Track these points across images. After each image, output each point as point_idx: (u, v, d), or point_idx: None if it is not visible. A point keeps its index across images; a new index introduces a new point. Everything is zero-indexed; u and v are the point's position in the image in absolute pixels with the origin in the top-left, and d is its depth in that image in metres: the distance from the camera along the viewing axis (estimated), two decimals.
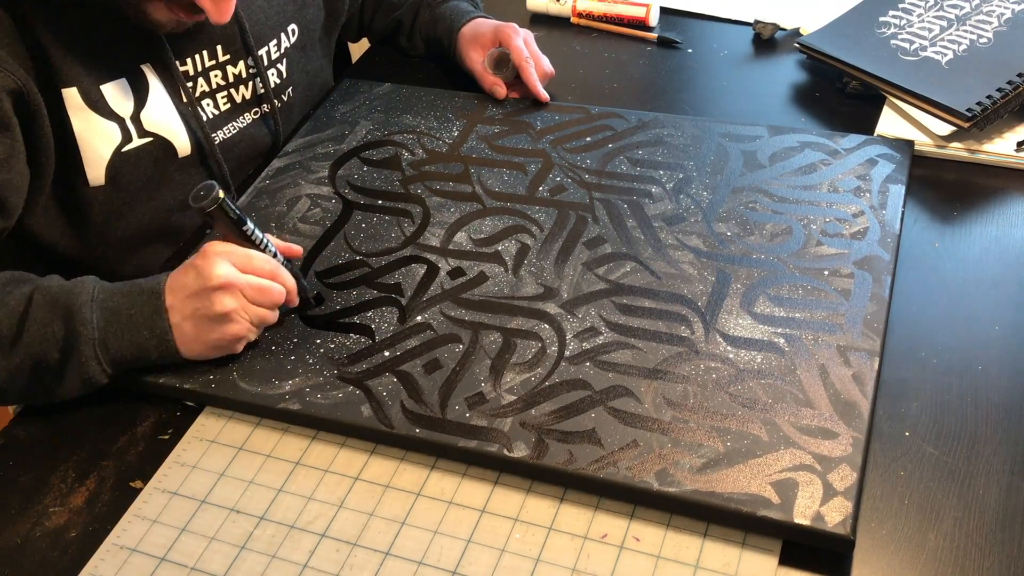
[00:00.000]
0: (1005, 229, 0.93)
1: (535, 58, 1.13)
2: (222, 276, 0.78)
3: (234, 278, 0.79)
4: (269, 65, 1.08)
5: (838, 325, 0.80)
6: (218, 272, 0.78)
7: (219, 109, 1.04)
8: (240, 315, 0.80)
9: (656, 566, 0.68)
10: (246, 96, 1.06)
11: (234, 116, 1.06)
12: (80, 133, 0.93)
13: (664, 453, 0.71)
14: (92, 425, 0.84)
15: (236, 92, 1.05)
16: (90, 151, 0.94)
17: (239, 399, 0.81)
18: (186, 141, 1.00)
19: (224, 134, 1.05)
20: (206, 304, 0.79)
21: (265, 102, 1.08)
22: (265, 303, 0.81)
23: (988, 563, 0.66)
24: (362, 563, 0.71)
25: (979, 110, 0.98)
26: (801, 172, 0.97)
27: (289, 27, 1.10)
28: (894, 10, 1.17)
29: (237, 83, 1.05)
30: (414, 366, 0.81)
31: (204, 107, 1.02)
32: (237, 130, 1.06)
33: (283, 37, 1.09)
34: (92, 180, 0.96)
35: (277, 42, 1.08)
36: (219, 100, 1.04)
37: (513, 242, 0.93)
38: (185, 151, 1.00)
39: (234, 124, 1.06)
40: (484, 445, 0.74)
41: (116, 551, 0.74)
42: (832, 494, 0.67)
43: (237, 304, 0.79)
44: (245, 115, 1.07)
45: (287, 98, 1.12)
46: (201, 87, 1.01)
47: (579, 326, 0.83)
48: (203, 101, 1.02)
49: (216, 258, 0.79)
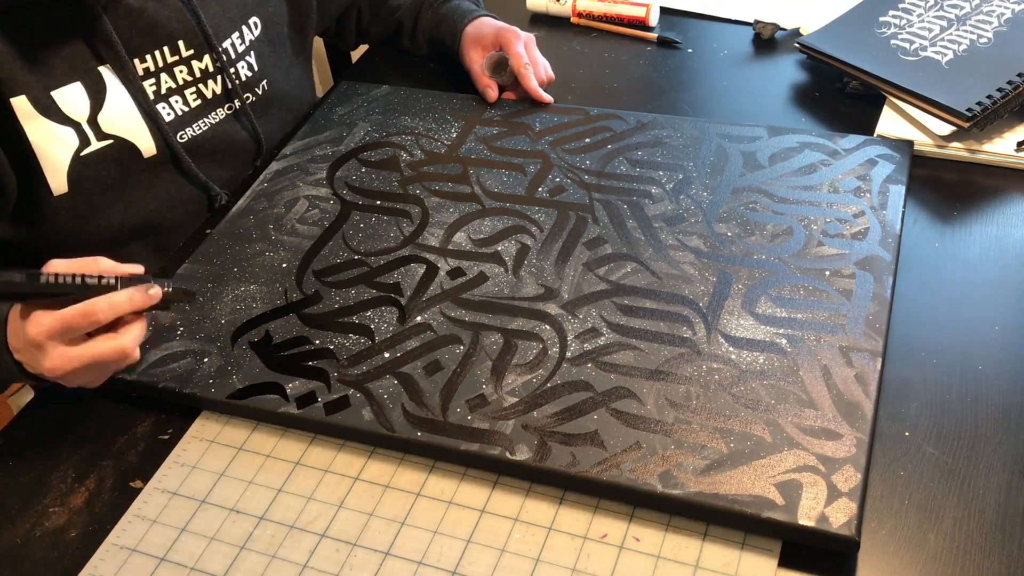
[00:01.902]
0: (1005, 229, 0.93)
1: (534, 64, 1.13)
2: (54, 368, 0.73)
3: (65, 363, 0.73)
4: (237, 58, 1.07)
5: (840, 326, 0.80)
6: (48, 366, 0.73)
7: (189, 105, 1.03)
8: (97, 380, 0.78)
9: (656, 566, 0.68)
10: (216, 91, 1.05)
11: (206, 112, 1.05)
12: (36, 142, 0.92)
13: (667, 455, 0.71)
14: (92, 425, 0.84)
15: (205, 87, 1.04)
16: (48, 159, 0.94)
17: (239, 404, 0.81)
18: (150, 141, 0.99)
19: (195, 131, 1.04)
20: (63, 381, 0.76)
21: (236, 96, 1.07)
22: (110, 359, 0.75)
23: (988, 563, 0.66)
24: (362, 563, 0.71)
25: (979, 110, 0.98)
26: (801, 172, 0.97)
27: (251, 20, 1.08)
28: (894, 10, 1.17)
29: (205, 78, 1.04)
30: (415, 368, 0.81)
31: (172, 104, 1.01)
32: (209, 126, 1.05)
33: (245, 30, 1.08)
34: (55, 189, 0.95)
35: (240, 35, 1.07)
36: (188, 96, 1.03)
37: (513, 242, 0.93)
38: (150, 151, 1.00)
39: (205, 120, 1.05)
40: (486, 448, 0.74)
41: (116, 551, 0.74)
42: (836, 495, 0.67)
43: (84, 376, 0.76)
44: (218, 111, 1.06)
45: (262, 92, 1.11)
46: (166, 83, 1.00)
47: (580, 327, 0.83)
48: (170, 98, 1.01)
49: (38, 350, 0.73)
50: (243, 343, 0.85)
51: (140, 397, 0.85)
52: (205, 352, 0.85)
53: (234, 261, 0.95)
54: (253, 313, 0.88)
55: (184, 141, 1.03)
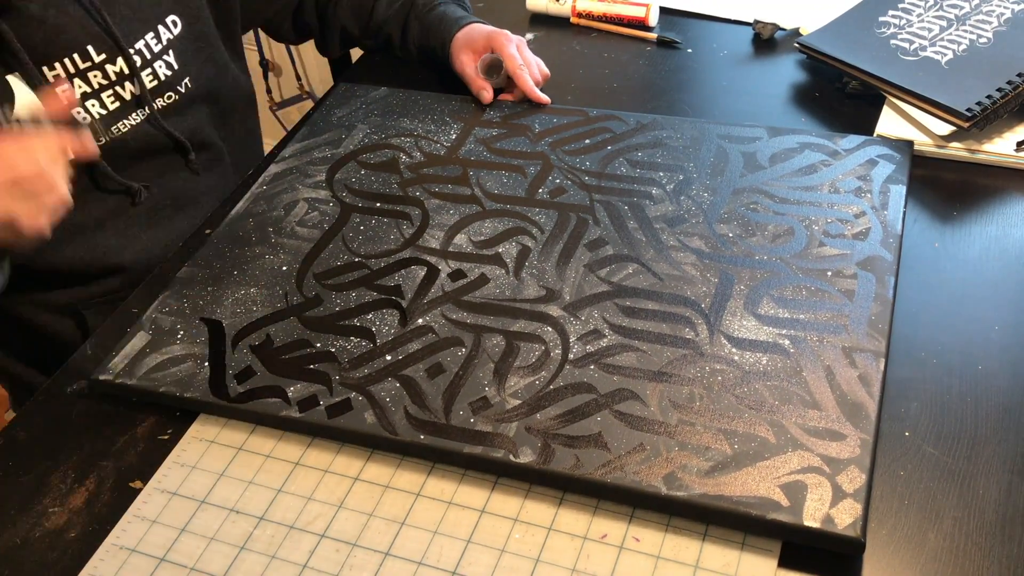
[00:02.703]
0: (1005, 229, 0.93)
1: (528, 65, 1.13)
2: None
3: None
4: (153, 58, 1.06)
5: (843, 326, 0.80)
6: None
7: (107, 108, 1.03)
8: None
9: (656, 566, 0.68)
10: (134, 92, 1.05)
11: (125, 114, 1.05)
12: None
13: (671, 456, 0.71)
14: (92, 425, 0.84)
15: (123, 89, 1.04)
16: None
17: (241, 408, 0.81)
18: None
19: (114, 133, 1.04)
20: None
21: (155, 96, 1.07)
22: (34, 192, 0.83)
23: (988, 563, 0.66)
24: (362, 563, 0.71)
25: (979, 110, 0.98)
26: (802, 173, 0.97)
27: (168, 19, 1.08)
28: (894, 10, 1.17)
29: (121, 80, 1.03)
30: (416, 370, 0.81)
31: (89, 108, 1.01)
32: (129, 127, 1.05)
33: (162, 29, 1.07)
34: None
35: (155, 35, 1.06)
36: (105, 99, 1.03)
37: (514, 244, 0.93)
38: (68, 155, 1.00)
39: (125, 122, 1.05)
40: (490, 451, 0.74)
41: (116, 551, 0.74)
42: (841, 496, 0.67)
43: None
44: (137, 112, 1.06)
45: (185, 90, 1.10)
46: (80, 88, 1.00)
47: (582, 328, 0.83)
48: (87, 102, 1.01)
49: None
50: (244, 347, 0.85)
51: (141, 400, 0.85)
52: (206, 356, 0.85)
53: (234, 264, 0.95)
54: (254, 316, 0.88)
55: (103, 144, 1.03)
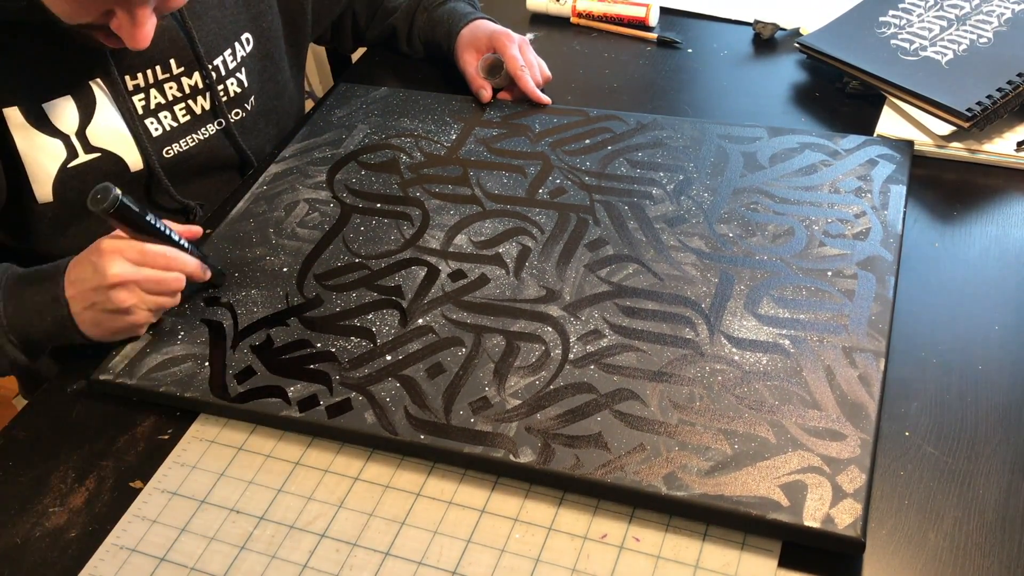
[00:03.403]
0: (1005, 229, 0.93)
1: (530, 66, 1.13)
2: (118, 275, 0.81)
3: (129, 275, 0.82)
4: (228, 75, 1.07)
5: (843, 326, 0.80)
6: (113, 271, 0.81)
7: (178, 121, 1.04)
8: (138, 308, 0.84)
9: (656, 566, 0.68)
10: (205, 107, 1.06)
11: (194, 128, 1.05)
12: (24, 152, 0.94)
13: (671, 456, 0.71)
14: (92, 425, 0.84)
15: (195, 103, 1.05)
16: (36, 168, 0.95)
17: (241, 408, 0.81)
18: (137, 156, 1.00)
19: (181, 146, 1.04)
20: (103, 299, 0.82)
21: (223, 113, 1.07)
22: (163, 292, 0.85)
23: (988, 563, 0.66)
24: (362, 563, 0.71)
25: (979, 110, 0.98)
26: (802, 173, 0.97)
27: (243, 36, 1.09)
28: (894, 10, 1.17)
29: (194, 94, 1.04)
30: (417, 370, 0.81)
31: (161, 119, 1.02)
32: (196, 142, 1.06)
33: (238, 46, 1.08)
34: (40, 197, 0.97)
35: (232, 51, 1.07)
36: (177, 112, 1.03)
37: (514, 244, 0.93)
38: (137, 166, 1.01)
39: (193, 136, 1.05)
40: (490, 451, 0.74)
41: (116, 551, 0.74)
42: (841, 496, 0.67)
43: (134, 299, 0.83)
44: (208, 126, 1.07)
45: (251, 107, 1.11)
46: (156, 99, 1.01)
47: (582, 329, 0.83)
48: (160, 114, 1.02)
49: (111, 256, 0.82)
50: (244, 347, 0.85)
51: (141, 400, 0.85)
52: (206, 356, 0.85)
53: (234, 265, 0.95)
54: (254, 317, 0.88)
55: (171, 156, 1.03)
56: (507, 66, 1.12)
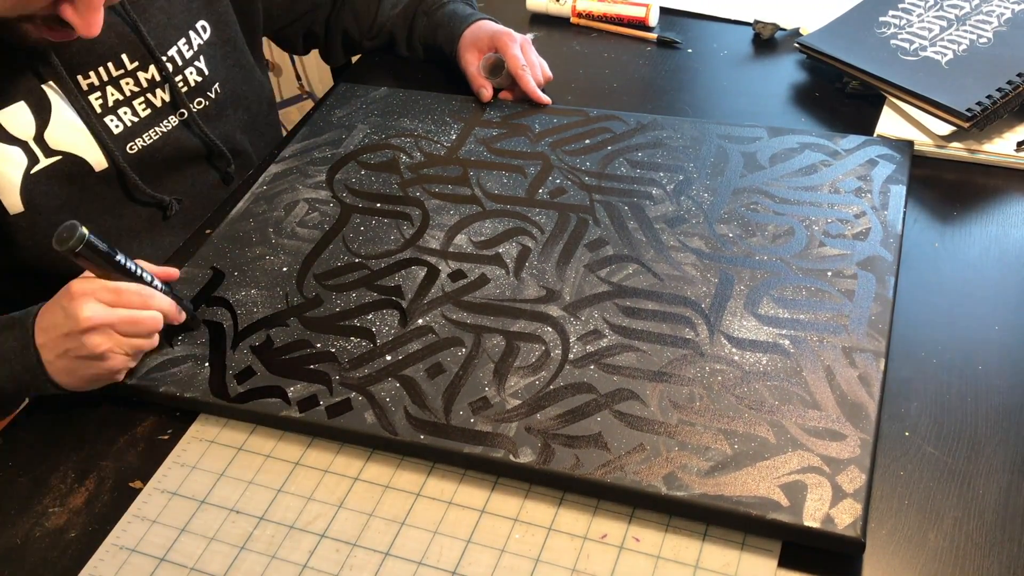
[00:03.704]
0: (1005, 229, 0.93)
1: (531, 66, 1.13)
2: (90, 318, 0.77)
3: (102, 318, 0.78)
4: (185, 64, 1.06)
5: (843, 326, 0.80)
6: (86, 314, 0.77)
7: (139, 116, 1.02)
8: (114, 352, 0.80)
9: (656, 566, 0.68)
10: (165, 99, 1.05)
11: (156, 121, 1.04)
12: None
13: (671, 456, 0.71)
14: (92, 425, 0.84)
15: (154, 96, 1.04)
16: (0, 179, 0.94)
17: (241, 408, 0.81)
18: (100, 155, 0.99)
19: (145, 141, 1.03)
20: (76, 345, 0.78)
21: (183, 104, 1.06)
22: (139, 334, 0.81)
23: (988, 563, 0.66)
24: (362, 563, 0.71)
25: (979, 110, 0.98)
26: (802, 173, 0.97)
27: (198, 24, 1.07)
28: (894, 10, 1.17)
29: (152, 87, 1.03)
30: (417, 370, 0.81)
31: (121, 116, 1.01)
32: (160, 135, 1.05)
33: (192, 35, 1.07)
34: (10, 208, 0.95)
35: (187, 40, 1.06)
36: (137, 107, 1.02)
37: (514, 244, 0.93)
38: (101, 165, 0.99)
39: (156, 129, 1.04)
40: (490, 451, 0.74)
41: (116, 551, 0.74)
42: (841, 496, 0.67)
43: (110, 343, 0.79)
44: (169, 118, 1.05)
45: (215, 95, 1.10)
46: (113, 96, 1.00)
47: (582, 329, 0.83)
48: (119, 110, 1.01)
49: (82, 299, 0.78)
50: (244, 347, 0.85)
51: (140, 400, 0.85)
52: (206, 356, 0.85)
53: (234, 265, 0.95)
54: (254, 317, 0.88)
55: (135, 152, 1.02)
56: (508, 65, 1.12)
